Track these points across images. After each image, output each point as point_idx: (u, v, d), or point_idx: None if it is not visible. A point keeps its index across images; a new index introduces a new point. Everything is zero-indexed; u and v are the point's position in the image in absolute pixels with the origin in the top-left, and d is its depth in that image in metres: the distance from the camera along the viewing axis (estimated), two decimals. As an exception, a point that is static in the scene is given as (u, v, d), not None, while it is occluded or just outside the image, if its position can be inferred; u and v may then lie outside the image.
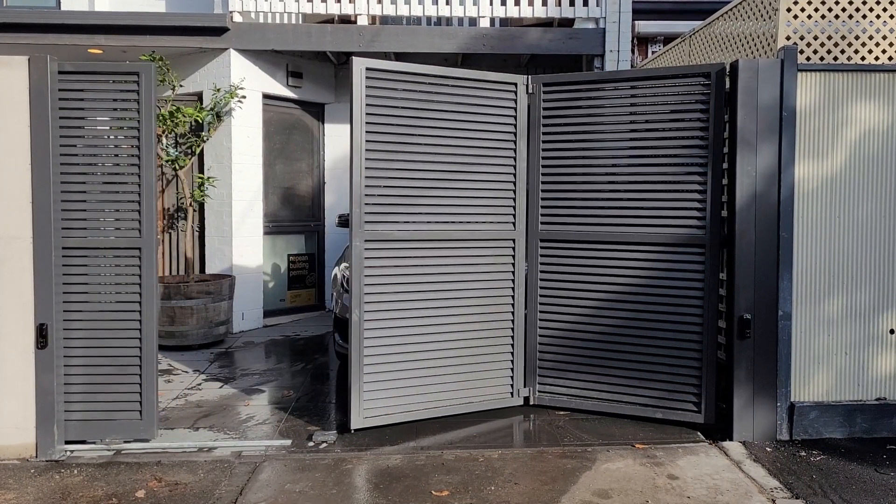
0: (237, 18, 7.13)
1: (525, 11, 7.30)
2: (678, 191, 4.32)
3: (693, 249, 4.28)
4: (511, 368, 4.67)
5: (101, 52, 7.25)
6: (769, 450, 3.98)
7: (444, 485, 3.51)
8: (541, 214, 4.66)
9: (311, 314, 8.27)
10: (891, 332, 4.19)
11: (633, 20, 7.71)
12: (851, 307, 4.17)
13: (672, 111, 4.33)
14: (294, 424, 4.41)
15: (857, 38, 4.31)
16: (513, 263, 4.65)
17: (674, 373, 4.33)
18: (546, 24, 7.72)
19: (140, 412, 3.97)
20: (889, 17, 4.32)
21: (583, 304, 4.57)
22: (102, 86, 3.94)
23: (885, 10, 4.31)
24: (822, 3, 4.26)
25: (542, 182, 4.65)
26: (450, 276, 4.45)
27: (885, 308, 4.18)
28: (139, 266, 3.94)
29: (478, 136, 4.50)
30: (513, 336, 4.66)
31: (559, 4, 7.31)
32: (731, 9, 4.98)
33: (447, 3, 7.26)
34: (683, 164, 4.31)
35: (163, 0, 8.41)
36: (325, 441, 4.09)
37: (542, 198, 4.66)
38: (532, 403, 4.70)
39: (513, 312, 4.66)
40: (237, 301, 7.12)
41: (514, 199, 4.64)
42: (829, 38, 4.29)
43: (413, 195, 4.34)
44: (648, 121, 4.40)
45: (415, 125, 4.31)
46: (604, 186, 4.52)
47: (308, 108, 8.27)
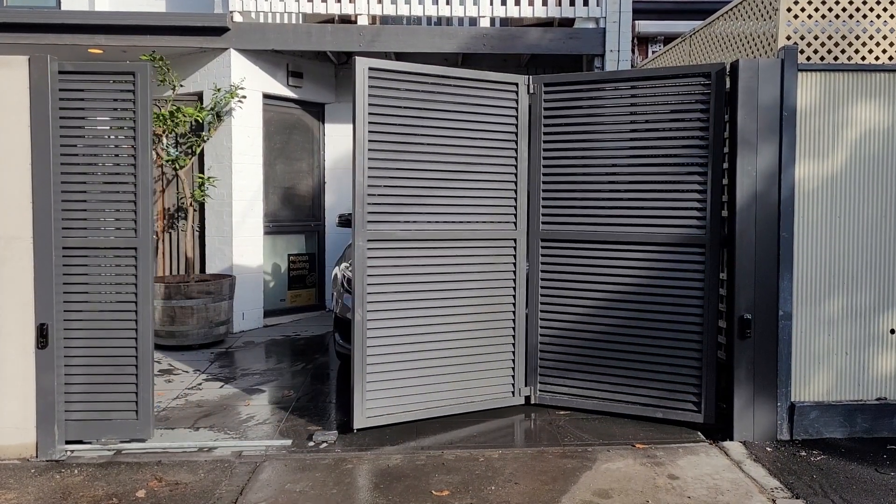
0: (237, 18, 7.13)
1: (525, 11, 7.30)
2: (679, 191, 4.32)
3: (693, 249, 4.28)
4: (512, 368, 4.67)
5: (102, 52, 7.25)
6: (769, 450, 3.98)
7: (445, 485, 3.51)
8: (542, 214, 4.67)
9: (312, 314, 8.27)
10: (891, 332, 4.19)
11: (634, 20, 7.71)
12: (852, 307, 4.17)
13: (672, 111, 4.33)
14: (294, 424, 4.41)
15: (858, 38, 4.31)
16: (514, 263, 4.65)
17: (674, 372, 4.33)
18: (546, 24, 7.72)
19: (136, 412, 3.97)
20: (889, 17, 4.32)
21: (583, 304, 4.57)
22: (102, 86, 3.94)
23: (886, 10, 4.31)
24: (823, 3, 4.27)
25: (543, 182, 4.66)
26: (451, 276, 4.45)
27: (886, 308, 4.18)
28: (135, 266, 3.95)
29: (479, 136, 4.50)
30: (514, 335, 4.66)
31: (559, 4, 7.31)
32: (732, 9, 4.98)
33: (447, 3, 7.26)
34: (684, 164, 4.31)
35: (163, 0, 8.41)
36: (326, 441, 4.09)
37: (543, 197, 4.66)
38: (533, 402, 4.71)
39: (514, 312, 4.66)
40: (237, 301, 7.12)
41: (516, 199, 4.64)
42: (830, 38, 4.30)
43: (415, 195, 4.34)
44: (649, 121, 4.40)
45: (417, 125, 4.32)
46: (604, 186, 4.52)
47: (308, 108, 8.27)
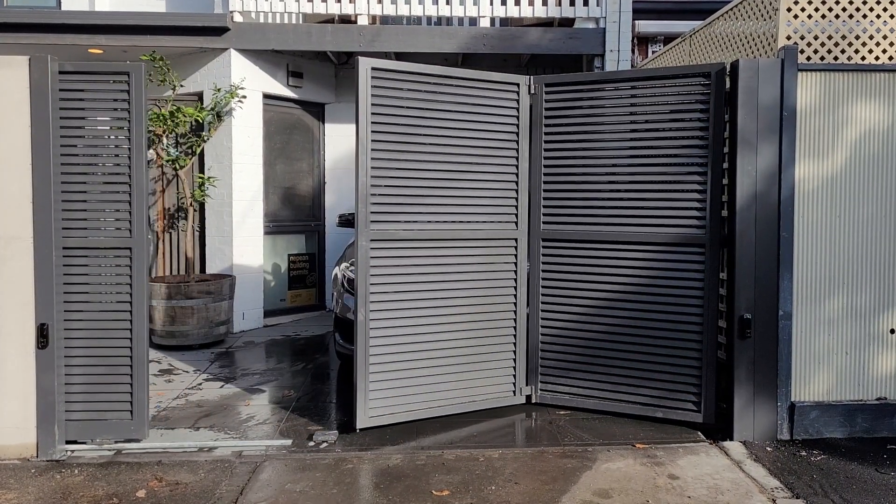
0: (237, 18, 7.13)
1: (525, 11, 7.30)
2: (679, 190, 4.32)
3: (693, 249, 4.28)
4: (513, 367, 4.67)
5: (102, 52, 7.25)
6: (770, 449, 3.98)
7: (445, 484, 3.51)
8: (543, 214, 4.67)
9: (312, 314, 8.27)
10: (891, 332, 4.19)
11: (634, 20, 7.71)
12: (852, 307, 4.17)
13: (672, 111, 4.33)
14: (295, 424, 4.41)
15: (858, 38, 4.31)
16: (515, 263, 4.65)
17: (674, 372, 4.33)
18: (546, 24, 7.72)
19: (131, 412, 3.97)
20: (889, 17, 4.32)
21: (584, 303, 4.58)
22: (102, 86, 3.94)
23: (886, 10, 4.31)
24: (823, 3, 4.27)
25: (544, 182, 4.66)
26: (452, 276, 4.46)
27: (886, 308, 4.18)
28: (130, 266, 3.95)
29: (481, 136, 4.51)
30: (515, 335, 4.67)
31: (559, 4, 7.31)
32: (732, 9, 4.98)
33: (447, 3, 7.25)
34: (684, 164, 4.31)
35: (163, 0, 8.41)
36: (326, 441, 4.09)
37: (544, 197, 4.67)
38: (534, 402, 4.71)
39: (515, 311, 4.66)
40: (238, 301, 7.12)
41: (517, 199, 4.64)
42: (830, 38, 4.30)
43: (417, 194, 4.35)
44: (649, 121, 4.40)
45: (419, 125, 4.32)
46: (605, 186, 4.53)
47: (308, 108, 8.27)
